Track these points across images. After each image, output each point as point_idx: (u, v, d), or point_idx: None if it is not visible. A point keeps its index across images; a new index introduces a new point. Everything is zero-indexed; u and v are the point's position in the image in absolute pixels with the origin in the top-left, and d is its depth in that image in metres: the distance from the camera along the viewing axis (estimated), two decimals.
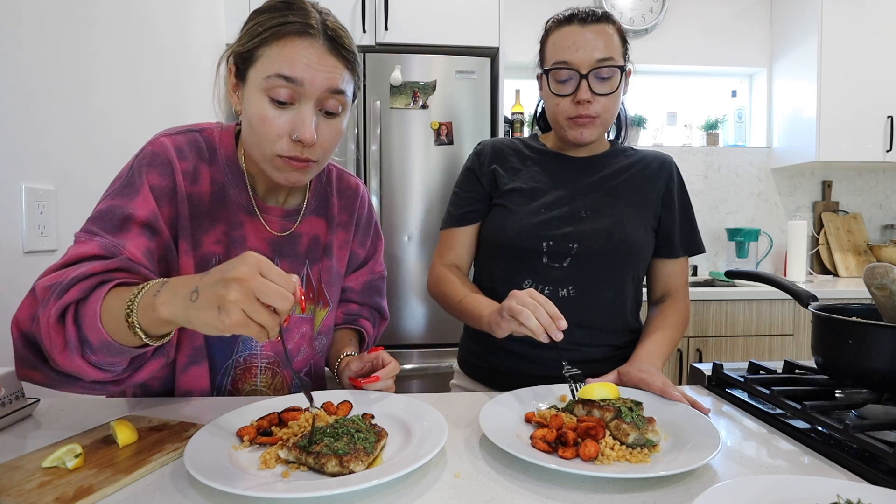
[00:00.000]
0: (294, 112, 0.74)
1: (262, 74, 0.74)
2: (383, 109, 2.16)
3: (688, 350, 2.22)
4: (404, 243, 2.20)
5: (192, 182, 0.80)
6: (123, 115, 1.42)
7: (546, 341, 0.77)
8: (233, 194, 0.84)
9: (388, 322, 1.12)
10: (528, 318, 0.76)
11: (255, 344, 0.87)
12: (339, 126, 0.80)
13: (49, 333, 0.63)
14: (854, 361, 0.73)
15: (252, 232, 0.86)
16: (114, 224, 0.72)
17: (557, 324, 0.76)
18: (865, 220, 2.90)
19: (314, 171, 0.82)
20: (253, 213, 0.86)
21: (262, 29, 0.74)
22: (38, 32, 1.10)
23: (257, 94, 0.75)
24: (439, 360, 2.16)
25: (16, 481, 0.55)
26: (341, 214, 0.96)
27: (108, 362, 0.66)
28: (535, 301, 0.78)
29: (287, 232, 0.89)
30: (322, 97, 0.75)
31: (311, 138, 0.74)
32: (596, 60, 0.96)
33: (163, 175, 0.77)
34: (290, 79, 0.73)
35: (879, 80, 2.50)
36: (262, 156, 0.78)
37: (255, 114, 0.75)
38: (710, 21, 2.83)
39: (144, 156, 0.78)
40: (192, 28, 1.83)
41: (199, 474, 0.53)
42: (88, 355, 0.64)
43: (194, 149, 0.82)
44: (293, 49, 0.73)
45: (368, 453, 0.58)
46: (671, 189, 1.08)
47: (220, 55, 0.80)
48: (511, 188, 1.06)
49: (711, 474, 0.60)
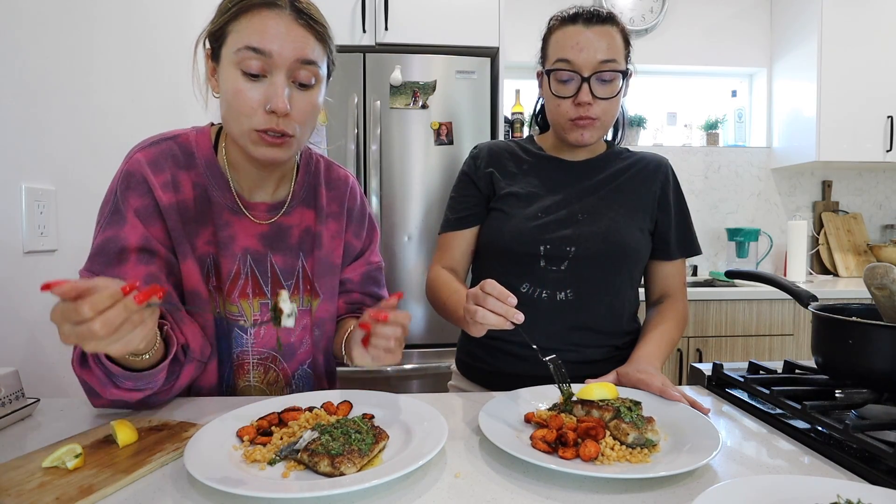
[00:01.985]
0: (266, 84, 0.75)
1: (233, 49, 0.75)
2: (383, 109, 2.15)
3: (688, 350, 2.22)
4: (404, 243, 2.20)
5: (174, 192, 0.81)
6: (123, 115, 1.42)
7: (512, 328, 0.74)
8: (216, 195, 0.85)
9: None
10: (486, 316, 0.74)
11: (245, 340, 0.88)
12: (313, 99, 0.80)
13: (82, 377, 0.72)
14: (854, 361, 0.73)
15: (240, 230, 0.86)
16: (111, 259, 0.76)
17: (508, 302, 0.73)
18: (865, 220, 2.90)
19: (293, 148, 0.81)
20: (238, 211, 0.86)
21: (230, 5, 0.76)
22: (38, 32, 1.10)
23: (230, 70, 0.76)
24: (439, 360, 2.16)
25: (16, 481, 0.55)
26: (331, 205, 0.96)
27: (143, 384, 0.72)
28: (484, 292, 0.75)
29: (272, 220, 0.89)
30: (293, 67, 0.76)
31: (283, 107, 0.75)
32: (598, 62, 0.95)
33: (142, 195, 0.79)
34: (259, 50, 0.74)
35: (879, 80, 2.50)
36: (239, 132, 0.78)
37: (230, 89, 0.76)
38: (711, 21, 2.83)
39: (122, 178, 0.80)
40: (192, 28, 1.83)
41: (199, 474, 0.53)
42: (121, 385, 0.71)
43: (170, 158, 0.83)
44: (260, 20, 0.74)
45: (363, 455, 0.58)
46: (667, 191, 1.08)
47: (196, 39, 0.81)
48: (508, 192, 1.06)
49: (711, 474, 0.60)
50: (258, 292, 0.88)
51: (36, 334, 1.09)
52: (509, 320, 0.73)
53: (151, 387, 0.73)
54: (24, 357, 1.05)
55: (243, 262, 0.87)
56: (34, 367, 1.07)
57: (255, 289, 0.88)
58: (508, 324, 0.74)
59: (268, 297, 0.89)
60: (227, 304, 0.86)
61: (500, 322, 0.74)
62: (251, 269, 0.88)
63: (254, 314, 0.88)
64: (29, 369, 1.05)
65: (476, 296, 0.76)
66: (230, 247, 0.85)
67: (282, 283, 0.90)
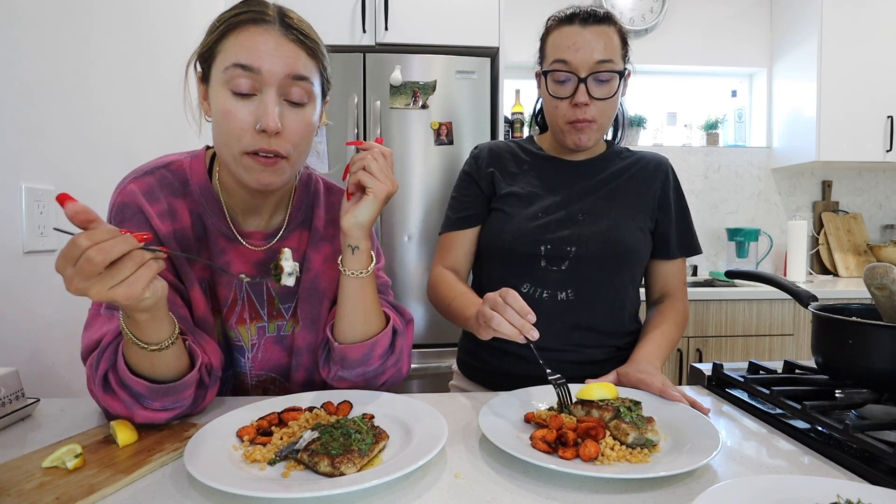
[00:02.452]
0: (256, 102, 0.72)
1: (221, 68, 0.72)
2: (383, 109, 2.15)
3: (688, 350, 2.22)
4: (404, 243, 2.20)
5: (171, 220, 0.79)
6: (123, 115, 1.42)
7: (523, 342, 0.75)
8: (210, 223, 0.82)
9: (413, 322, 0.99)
10: (501, 324, 0.74)
11: (244, 363, 0.87)
12: (306, 117, 0.76)
13: (105, 402, 0.70)
14: (854, 361, 0.73)
15: (236, 257, 0.84)
16: None
17: (528, 319, 0.74)
18: (865, 220, 2.90)
19: (287, 173, 0.77)
20: (233, 238, 0.83)
21: (218, 24, 0.74)
22: (38, 32, 1.10)
23: (219, 90, 0.73)
24: (439, 360, 2.16)
25: (16, 481, 0.55)
26: (327, 228, 0.91)
27: (168, 403, 0.70)
28: (505, 302, 0.76)
29: (268, 247, 0.86)
30: (283, 84, 0.73)
31: (274, 125, 0.71)
32: (595, 62, 0.95)
33: (139, 225, 0.76)
34: (248, 67, 0.71)
35: (879, 80, 2.50)
36: (231, 156, 0.74)
37: (219, 110, 0.73)
38: (711, 21, 2.83)
39: (116, 211, 0.77)
40: (192, 28, 1.83)
41: (199, 474, 0.53)
42: (149, 405, 0.69)
43: (165, 186, 0.80)
44: (248, 37, 0.72)
45: (363, 455, 0.58)
46: (667, 191, 1.08)
47: (187, 62, 0.79)
48: (508, 192, 1.06)
49: (711, 474, 0.60)
50: (255, 317, 0.86)
51: (36, 334, 1.09)
52: (525, 335, 0.74)
53: (180, 405, 0.71)
54: (24, 357, 1.05)
55: (239, 288, 0.85)
56: (34, 367, 1.07)
57: (251, 314, 0.86)
58: (522, 338, 0.74)
59: (265, 321, 0.87)
60: (226, 330, 0.85)
61: (513, 334, 0.74)
62: (247, 294, 0.86)
63: (251, 338, 0.87)
64: (29, 369, 1.05)
65: (496, 303, 0.76)
66: (225, 274, 0.83)
67: (277, 305, 0.88)
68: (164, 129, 1.60)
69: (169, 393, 0.69)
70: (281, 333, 0.89)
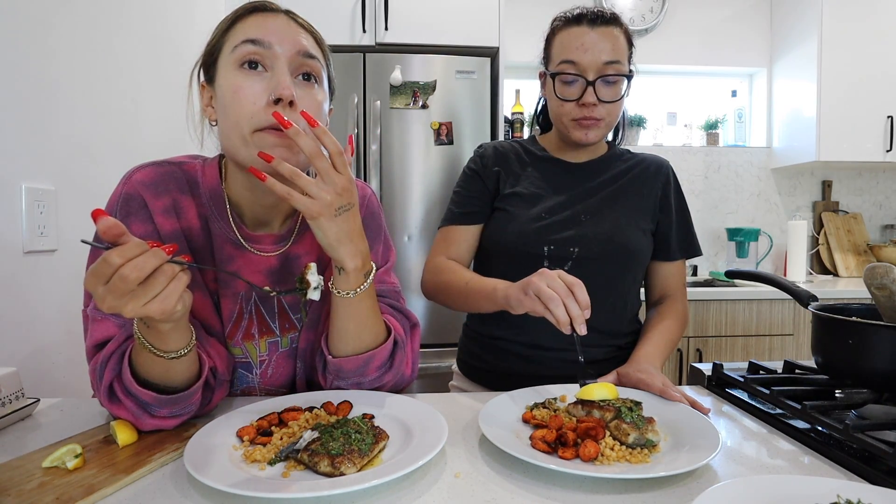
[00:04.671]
0: (268, 78, 0.70)
1: (230, 50, 0.71)
2: (383, 109, 2.15)
3: (688, 350, 2.22)
4: (404, 243, 2.20)
5: (176, 218, 0.76)
6: (123, 115, 1.42)
7: (568, 333, 0.74)
8: (217, 227, 0.79)
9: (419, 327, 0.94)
10: (558, 307, 0.72)
11: (251, 378, 0.83)
12: (318, 96, 0.75)
13: (116, 412, 0.68)
14: (854, 361, 0.73)
15: (245, 265, 0.80)
16: None
17: (585, 313, 0.73)
18: (865, 220, 2.90)
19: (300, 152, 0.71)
20: (241, 245, 0.80)
21: (224, 25, 0.75)
22: (38, 32, 1.10)
23: (228, 71, 0.71)
24: (439, 360, 2.16)
25: (16, 481, 0.55)
26: None
27: (178, 410, 0.69)
28: (566, 286, 0.74)
29: (280, 251, 0.82)
30: (293, 59, 0.72)
31: (289, 93, 0.68)
32: (603, 63, 0.95)
33: (143, 221, 0.74)
34: (259, 41, 0.70)
35: (879, 80, 2.50)
36: (240, 139, 0.70)
37: (229, 89, 0.70)
38: (711, 21, 2.83)
39: (122, 203, 0.74)
40: (193, 28, 1.83)
41: (199, 474, 0.53)
42: (156, 413, 0.68)
43: (172, 181, 0.77)
44: (256, 20, 0.72)
45: (363, 455, 0.58)
46: (668, 193, 1.08)
47: (190, 73, 0.79)
48: (512, 192, 1.06)
49: (711, 474, 0.60)
50: (265, 331, 0.82)
51: (36, 334, 1.09)
52: (574, 327, 0.73)
53: (188, 411, 0.70)
54: (24, 357, 1.05)
55: (245, 301, 0.80)
56: (34, 367, 1.07)
57: (261, 328, 0.81)
58: (569, 328, 0.73)
59: (277, 335, 0.83)
60: (229, 348, 0.81)
61: (565, 322, 0.72)
62: (255, 307, 0.81)
63: (260, 354, 0.82)
64: (29, 369, 1.05)
65: (554, 282, 0.74)
66: (231, 285, 0.79)
67: (290, 317, 0.84)
68: (164, 130, 1.60)
69: (177, 401, 0.68)
70: (293, 346, 0.84)
